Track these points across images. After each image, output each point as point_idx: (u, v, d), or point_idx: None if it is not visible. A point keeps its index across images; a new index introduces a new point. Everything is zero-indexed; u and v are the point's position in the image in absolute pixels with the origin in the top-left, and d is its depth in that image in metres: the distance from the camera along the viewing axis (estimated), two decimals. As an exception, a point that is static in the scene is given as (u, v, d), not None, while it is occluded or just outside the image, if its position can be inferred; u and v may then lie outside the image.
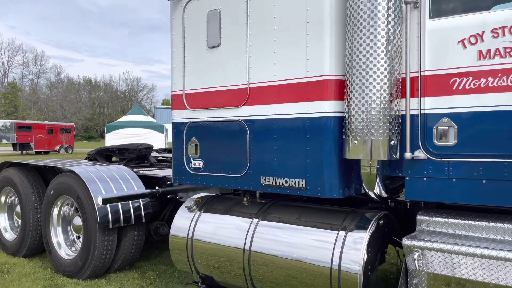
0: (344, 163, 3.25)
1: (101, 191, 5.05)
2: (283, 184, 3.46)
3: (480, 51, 2.84)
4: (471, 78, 2.86)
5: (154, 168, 6.77)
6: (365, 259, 3.14)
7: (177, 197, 5.61)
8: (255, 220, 3.75)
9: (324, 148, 3.23)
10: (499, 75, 2.77)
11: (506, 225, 2.86)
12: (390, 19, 2.97)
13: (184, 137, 4.17)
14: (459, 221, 3.03)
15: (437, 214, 3.17)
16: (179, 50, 4.20)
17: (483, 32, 2.83)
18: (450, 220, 3.06)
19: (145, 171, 6.16)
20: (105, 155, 7.21)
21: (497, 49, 2.78)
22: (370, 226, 3.23)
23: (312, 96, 3.27)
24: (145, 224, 5.41)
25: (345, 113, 3.14)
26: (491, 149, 2.81)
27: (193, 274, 4.16)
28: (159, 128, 31.01)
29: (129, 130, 29.92)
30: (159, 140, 28.86)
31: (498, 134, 2.79)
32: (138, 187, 5.38)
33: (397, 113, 3.04)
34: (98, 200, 4.91)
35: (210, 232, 3.96)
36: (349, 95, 3.11)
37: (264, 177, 3.57)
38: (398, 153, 3.06)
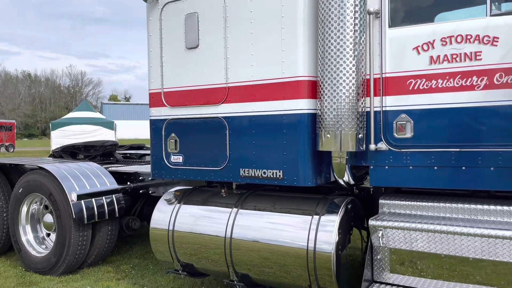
0: (316, 154, 3.64)
1: (74, 187, 5.12)
2: (261, 175, 3.79)
3: (431, 57, 3.31)
4: (424, 79, 3.34)
5: (121, 165, 6.84)
6: (336, 240, 3.55)
7: (150, 192, 5.77)
8: (235, 209, 4.06)
9: (299, 141, 3.60)
10: (447, 77, 3.26)
11: (454, 205, 3.38)
12: (356, 27, 3.37)
13: (163, 133, 4.37)
14: (415, 203, 3.51)
15: (396, 197, 3.65)
16: (157, 50, 4.38)
17: (434, 40, 3.31)
18: (407, 202, 3.54)
19: (115, 167, 6.25)
20: (71, 152, 7.17)
21: (446, 55, 3.27)
22: (340, 210, 3.64)
23: (288, 95, 3.62)
24: (118, 218, 5.53)
25: (318, 110, 3.53)
26: (441, 140, 3.30)
27: (174, 263, 4.38)
28: (109, 125, 30.17)
29: (76, 128, 28.84)
30: (109, 138, 28.15)
31: (447, 127, 3.29)
32: (110, 183, 5.49)
33: (363, 110, 3.47)
34: (73, 197, 4.98)
35: (191, 222, 4.21)
36: (321, 94, 3.49)
37: (244, 169, 3.88)
38: (364, 145, 3.49)
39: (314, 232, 3.60)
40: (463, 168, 3.25)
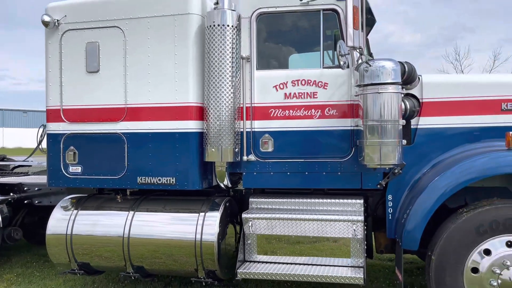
0: (203, 164, 4.61)
1: (-45, 199, 5.09)
2: (157, 182, 4.59)
3: (285, 93, 4.59)
4: (281, 109, 4.60)
5: (-4, 176, 6.73)
6: (218, 231, 4.55)
7: (36, 202, 5.94)
8: (131, 212, 4.75)
9: (189, 154, 4.53)
10: (296, 109, 4.57)
11: (300, 200, 4.69)
12: (233, 68, 4.47)
13: (62, 146, 4.81)
14: (275, 199, 4.74)
15: (262, 196, 4.83)
16: (56, 71, 4.81)
17: (287, 82, 4.60)
18: (269, 199, 4.75)
19: (-8, 179, 6.20)
20: None
21: (295, 93, 4.58)
22: (220, 208, 4.66)
23: (180, 117, 4.53)
24: (1, 229, 5.60)
25: (205, 129, 4.52)
26: (292, 153, 4.59)
27: (71, 264, 4.82)
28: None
29: None
30: None
31: (296, 144, 4.59)
32: (-8, 194, 5.55)
33: (238, 130, 4.58)
34: (-46, 209, 4.97)
35: (90, 226, 4.74)
36: (207, 117, 4.49)
37: (141, 177, 4.63)
38: (239, 157, 4.59)
39: (200, 226, 4.55)
40: (306, 173, 4.59)
